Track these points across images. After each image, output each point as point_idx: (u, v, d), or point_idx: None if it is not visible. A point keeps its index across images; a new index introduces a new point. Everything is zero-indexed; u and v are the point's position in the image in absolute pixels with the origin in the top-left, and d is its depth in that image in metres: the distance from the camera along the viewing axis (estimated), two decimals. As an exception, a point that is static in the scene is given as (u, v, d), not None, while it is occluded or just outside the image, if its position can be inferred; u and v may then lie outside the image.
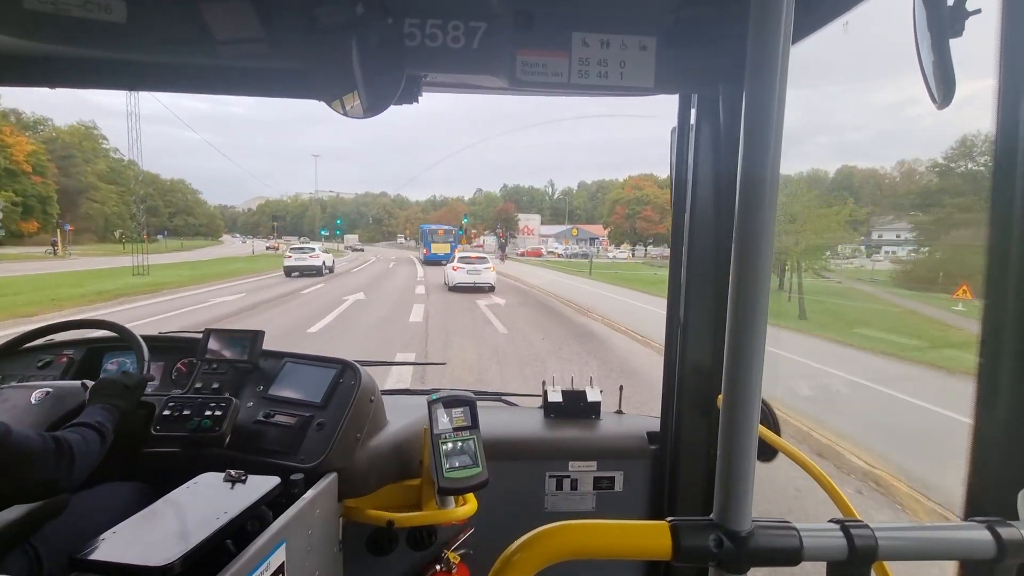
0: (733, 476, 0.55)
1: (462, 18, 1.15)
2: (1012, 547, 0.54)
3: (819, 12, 1.04)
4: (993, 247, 0.70)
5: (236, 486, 1.14)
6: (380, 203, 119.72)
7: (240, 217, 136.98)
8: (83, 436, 1.04)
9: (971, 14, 0.71)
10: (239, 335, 1.59)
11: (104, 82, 1.28)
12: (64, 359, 1.65)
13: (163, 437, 1.33)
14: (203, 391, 1.51)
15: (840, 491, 0.95)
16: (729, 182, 1.39)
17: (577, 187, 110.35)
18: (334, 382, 1.49)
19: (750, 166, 0.53)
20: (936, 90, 0.75)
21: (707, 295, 1.45)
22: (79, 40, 1.06)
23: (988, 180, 0.71)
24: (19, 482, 0.92)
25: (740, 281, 0.54)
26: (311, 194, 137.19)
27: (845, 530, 0.55)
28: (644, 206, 59.57)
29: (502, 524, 1.39)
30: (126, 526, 0.98)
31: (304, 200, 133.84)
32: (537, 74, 1.21)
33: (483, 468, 1.34)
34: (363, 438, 1.41)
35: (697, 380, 1.48)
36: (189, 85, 1.30)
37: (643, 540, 0.57)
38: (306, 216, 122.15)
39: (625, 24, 1.21)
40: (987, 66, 0.69)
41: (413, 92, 1.20)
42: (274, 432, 1.40)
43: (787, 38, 0.52)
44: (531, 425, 1.75)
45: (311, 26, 1.06)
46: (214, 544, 0.96)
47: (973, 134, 22.24)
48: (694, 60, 1.26)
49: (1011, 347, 0.69)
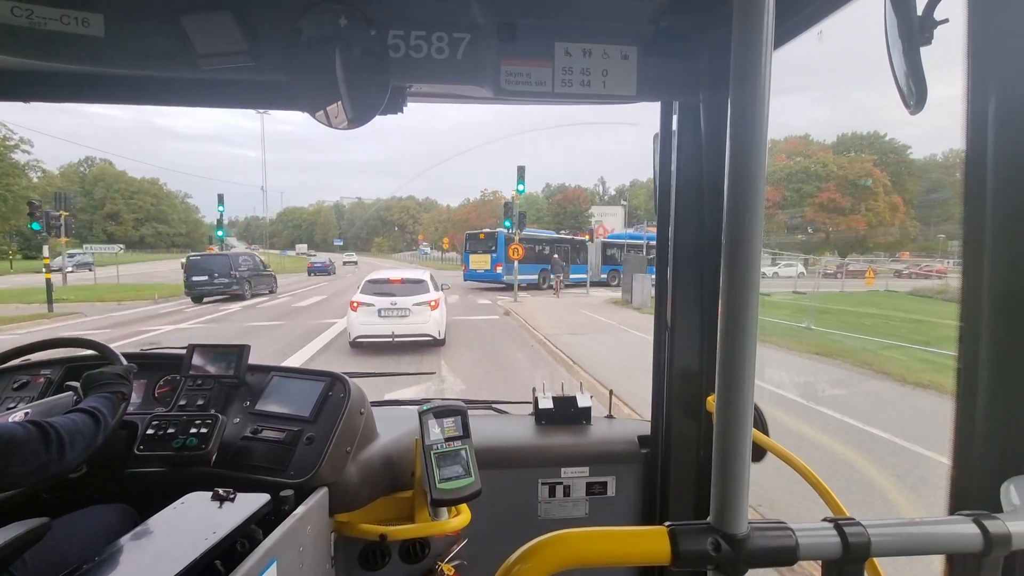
0: (729, 479, 0.56)
1: (446, 29, 1.15)
2: (998, 540, 0.56)
3: (794, 20, 1.06)
4: (968, 243, 0.72)
5: (224, 505, 1.12)
6: (403, 206, 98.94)
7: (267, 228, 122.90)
8: (73, 420, 1.03)
9: (940, 23, 0.74)
10: (224, 350, 1.56)
11: (82, 96, 1.27)
12: (41, 379, 1.59)
13: (147, 457, 1.31)
14: (188, 408, 1.48)
15: (830, 490, 0.96)
16: (712, 186, 1.41)
17: (630, 184, 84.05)
18: (323, 395, 1.47)
19: (738, 169, 0.54)
20: (908, 96, 0.78)
21: (693, 299, 1.45)
22: (56, 54, 1.05)
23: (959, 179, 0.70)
24: (3, 470, 0.90)
25: (731, 284, 0.55)
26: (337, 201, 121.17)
27: (839, 528, 0.56)
28: (820, 184, 33.40)
29: (496, 534, 1.48)
30: (112, 550, 0.96)
31: (327, 207, 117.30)
32: (521, 83, 1.22)
33: (476, 478, 1.32)
34: (354, 451, 1.40)
35: (686, 383, 1.49)
36: (170, 98, 1.29)
37: (642, 546, 0.57)
38: (318, 224, 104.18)
39: (606, 34, 1.23)
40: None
41: (398, 103, 1.21)
42: (262, 448, 1.38)
43: (769, 45, 0.53)
44: (522, 432, 1.74)
45: (294, 38, 1.06)
46: (203, 565, 0.95)
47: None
48: (675, 68, 1.28)
49: (989, 341, 0.70)
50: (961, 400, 0.73)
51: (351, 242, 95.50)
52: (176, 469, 1.30)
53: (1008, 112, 0.67)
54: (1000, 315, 0.69)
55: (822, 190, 33.71)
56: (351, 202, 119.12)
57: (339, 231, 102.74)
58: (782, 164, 36.33)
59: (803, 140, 39.79)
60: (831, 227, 33.18)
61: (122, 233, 65.65)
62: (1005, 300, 0.69)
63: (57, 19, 1.01)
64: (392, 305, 9.29)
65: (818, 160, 35.41)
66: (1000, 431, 0.69)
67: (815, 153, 37.04)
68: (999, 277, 0.69)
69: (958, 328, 0.73)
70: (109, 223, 65.72)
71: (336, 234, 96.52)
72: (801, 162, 35.62)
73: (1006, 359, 0.69)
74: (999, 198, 0.68)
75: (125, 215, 66.53)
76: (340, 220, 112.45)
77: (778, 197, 33.93)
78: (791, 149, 38.45)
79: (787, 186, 34.80)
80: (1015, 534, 0.56)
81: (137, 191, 68.01)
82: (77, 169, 68.21)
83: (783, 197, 34.38)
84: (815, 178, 34.38)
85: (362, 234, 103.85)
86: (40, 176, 42.32)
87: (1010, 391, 0.68)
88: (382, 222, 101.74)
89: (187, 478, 1.25)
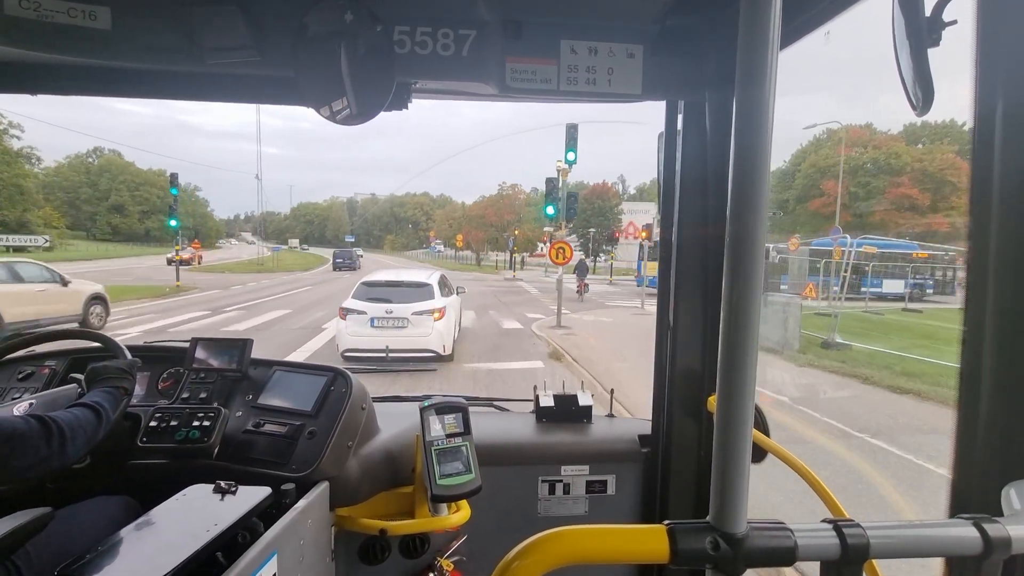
0: (728, 479, 0.56)
1: (452, 26, 1.15)
2: (998, 543, 0.55)
3: (800, 20, 1.05)
4: (973, 245, 0.71)
5: (226, 497, 1.12)
6: (417, 202, 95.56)
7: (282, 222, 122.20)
8: (74, 414, 1.04)
9: (948, 24, 0.73)
10: (227, 344, 1.56)
11: (89, 89, 1.27)
12: (46, 370, 1.59)
13: (150, 449, 1.31)
14: (190, 401, 1.48)
15: (830, 491, 0.96)
16: (716, 186, 1.40)
17: (650, 183, 79.15)
18: (325, 390, 1.47)
19: (741, 170, 0.54)
20: (915, 97, 0.77)
21: (696, 299, 1.44)
22: (63, 47, 1.04)
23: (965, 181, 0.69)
24: (4, 464, 0.90)
25: (733, 285, 0.55)
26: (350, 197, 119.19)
27: (838, 529, 0.56)
28: (892, 177, 28.67)
29: (495, 530, 1.50)
30: (114, 541, 0.96)
31: (339, 202, 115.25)
32: (526, 81, 1.21)
33: (476, 475, 1.32)
34: (355, 446, 1.39)
35: (687, 383, 1.48)
36: (176, 92, 1.29)
37: (640, 544, 0.57)
38: (330, 220, 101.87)
39: (612, 32, 1.22)
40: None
41: (403, 99, 1.20)
42: (264, 442, 1.37)
43: (776, 44, 0.53)
44: (523, 430, 1.73)
45: (300, 34, 1.05)
46: (204, 557, 0.95)
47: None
48: (680, 67, 1.27)
49: (992, 344, 0.69)
50: (963, 404, 0.72)
51: (363, 239, 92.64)
52: (179, 461, 1.31)
53: (1016, 116, 0.66)
54: (1003, 319, 0.69)
55: (895, 184, 29.06)
56: (364, 198, 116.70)
57: (351, 227, 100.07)
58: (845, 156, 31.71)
59: (867, 129, 34.92)
60: (907, 227, 28.48)
61: (127, 226, 63.78)
62: (1008, 304, 0.68)
63: (64, 12, 1.01)
64: (387, 314, 7.73)
65: (890, 151, 30.69)
66: (1002, 435, 0.69)
67: (884, 143, 32.28)
68: (1003, 281, 0.69)
69: (960, 332, 0.72)
70: (114, 215, 63.83)
71: (348, 230, 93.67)
72: (868, 153, 30.98)
73: (1008, 363, 0.68)
74: (1005, 202, 0.68)
75: (130, 207, 64.48)
76: (352, 216, 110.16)
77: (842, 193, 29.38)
78: (853, 139, 33.70)
79: (852, 180, 30.22)
80: (1015, 538, 0.56)
81: (143, 183, 65.18)
82: (84, 160, 66.30)
83: (848, 192, 29.81)
84: (886, 171, 29.73)
85: (374, 230, 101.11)
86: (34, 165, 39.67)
87: (1012, 395, 0.68)
88: (395, 219, 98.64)
89: (189, 470, 1.26)
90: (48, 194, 57.11)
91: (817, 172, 32.58)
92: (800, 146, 36.40)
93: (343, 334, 7.75)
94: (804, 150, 35.78)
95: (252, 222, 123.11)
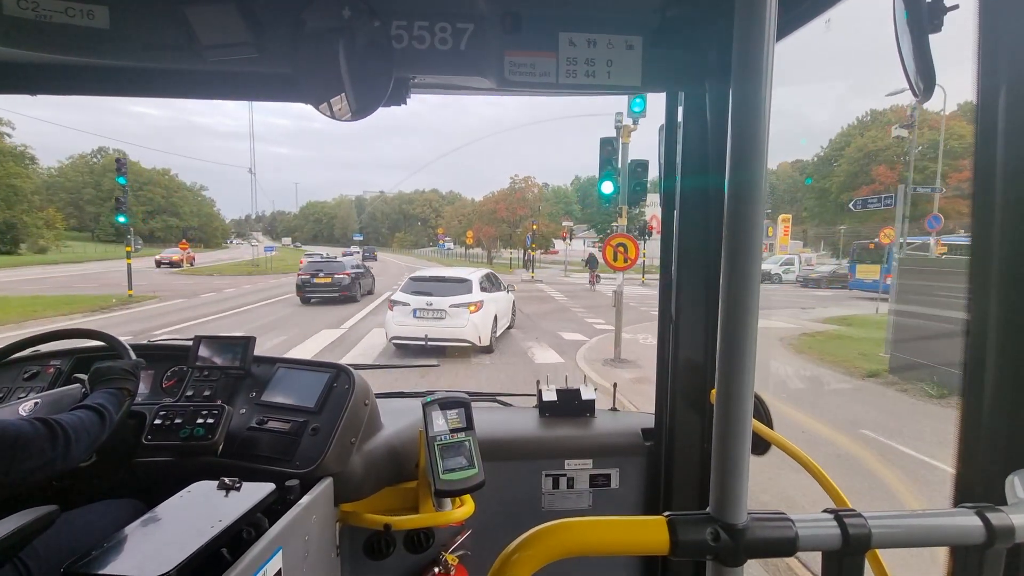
0: (728, 470, 0.56)
1: (449, 20, 1.15)
2: (1001, 532, 0.55)
3: (801, 9, 1.04)
4: (977, 238, 0.72)
5: (230, 494, 1.12)
6: (426, 199, 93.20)
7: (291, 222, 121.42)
8: (79, 417, 1.05)
9: (949, 9, 0.73)
10: (230, 341, 1.57)
11: (88, 88, 1.27)
12: (51, 370, 1.60)
13: (155, 447, 1.32)
14: (194, 399, 1.49)
15: (833, 481, 0.96)
16: (717, 178, 1.39)
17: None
18: (328, 387, 1.48)
19: (739, 162, 0.54)
20: (917, 84, 0.76)
21: (698, 291, 1.45)
22: (62, 47, 1.05)
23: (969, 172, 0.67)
24: (10, 466, 0.91)
25: (731, 276, 0.55)
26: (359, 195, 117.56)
27: (839, 519, 0.56)
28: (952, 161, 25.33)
29: (499, 525, 1.51)
30: (119, 537, 0.97)
31: (347, 200, 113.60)
32: (525, 74, 1.21)
33: (479, 469, 1.33)
34: (358, 442, 1.41)
35: (690, 376, 1.48)
36: (174, 90, 1.30)
37: (640, 536, 0.57)
38: (338, 219, 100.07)
39: (611, 24, 1.21)
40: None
41: (401, 94, 1.21)
42: (268, 438, 1.38)
43: (772, 35, 0.53)
44: (526, 425, 1.74)
45: (298, 30, 1.06)
46: (209, 553, 0.95)
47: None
48: (680, 59, 1.27)
49: (996, 335, 0.70)
50: (967, 394, 0.72)
51: (371, 237, 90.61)
52: (183, 458, 1.32)
53: (1019, 103, 0.65)
54: (1007, 309, 0.69)
55: (956, 169, 25.79)
56: (373, 195, 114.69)
57: (359, 225, 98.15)
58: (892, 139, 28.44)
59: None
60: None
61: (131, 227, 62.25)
62: (1012, 295, 0.68)
63: (62, 11, 1.02)
64: (427, 306, 8.56)
65: (951, 131, 27.36)
66: (1006, 425, 0.69)
67: (938, 122, 28.96)
68: (1007, 272, 0.69)
69: (965, 322, 0.73)
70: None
71: (356, 228, 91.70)
72: (926, 135, 27.69)
73: (1012, 354, 0.68)
74: (1009, 193, 0.68)
75: (134, 207, 62.98)
76: (361, 214, 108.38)
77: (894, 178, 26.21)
78: (899, 118, 30.40)
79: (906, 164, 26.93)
80: (1019, 527, 0.56)
81: (147, 182, 63.56)
82: (88, 160, 65.12)
83: (900, 177, 26.59)
84: (947, 154, 26.42)
85: (383, 228, 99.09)
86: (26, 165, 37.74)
87: (1016, 385, 0.68)
88: (404, 216, 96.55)
89: (194, 467, 1.27)
90: (51, 195, 55.78)
91: (864, 157, 29.30)
92: (841, 128, 33.08)
93: (390, 323, 8.69)
94: (846, 132, 32.49)
95: (263, 222, 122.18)
